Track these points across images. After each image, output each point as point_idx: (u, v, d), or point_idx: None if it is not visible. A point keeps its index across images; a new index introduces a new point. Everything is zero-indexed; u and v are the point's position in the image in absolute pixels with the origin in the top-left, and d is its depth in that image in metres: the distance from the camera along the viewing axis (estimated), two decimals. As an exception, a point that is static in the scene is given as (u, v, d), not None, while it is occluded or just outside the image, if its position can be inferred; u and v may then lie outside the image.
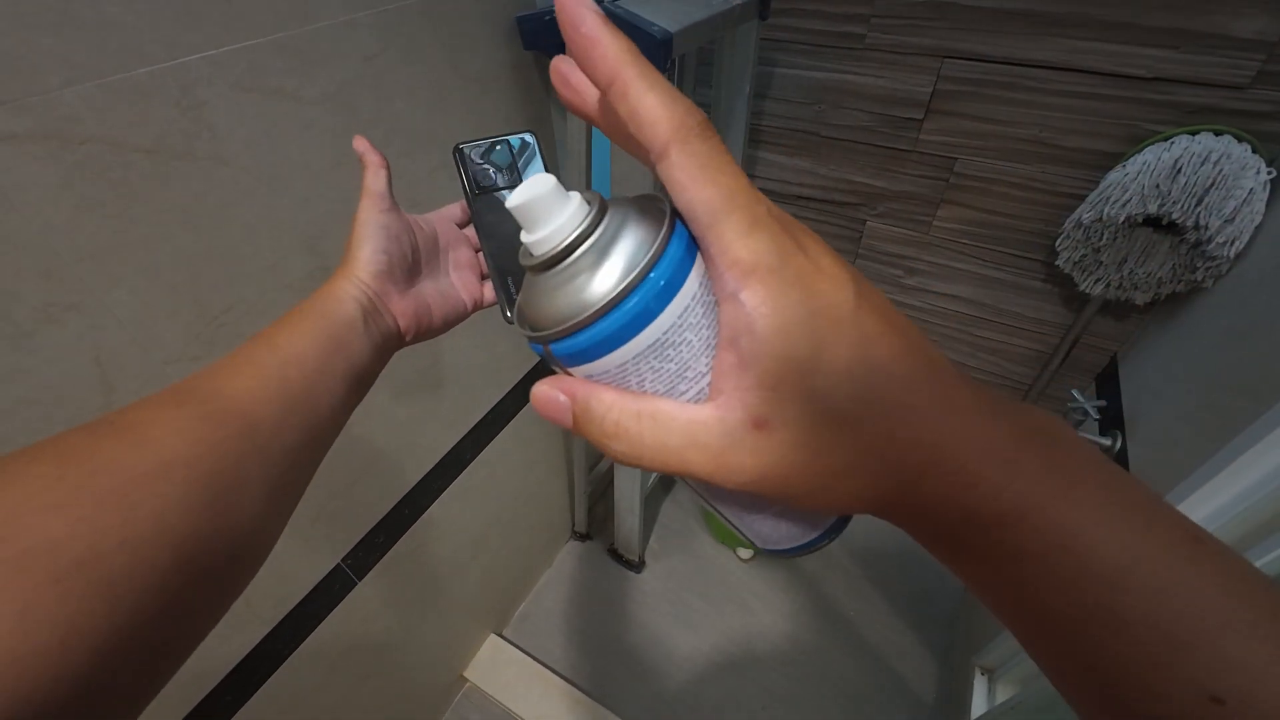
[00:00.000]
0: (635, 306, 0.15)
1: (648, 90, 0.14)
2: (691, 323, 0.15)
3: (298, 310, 0.30)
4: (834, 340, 0.14)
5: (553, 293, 0.16)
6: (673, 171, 0.14)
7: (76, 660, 0.16)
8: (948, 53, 0.84)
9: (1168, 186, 0.69)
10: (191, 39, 0.44)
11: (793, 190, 1.10)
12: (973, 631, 1.17)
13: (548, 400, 0.17)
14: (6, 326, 0.40)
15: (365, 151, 0.34)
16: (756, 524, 0.21)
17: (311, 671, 0.77)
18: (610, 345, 0.15)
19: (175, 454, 0.20)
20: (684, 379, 0.16)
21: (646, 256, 0.15)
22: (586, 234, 0.15)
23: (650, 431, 0.16)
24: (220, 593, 0.22)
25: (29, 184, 0.38)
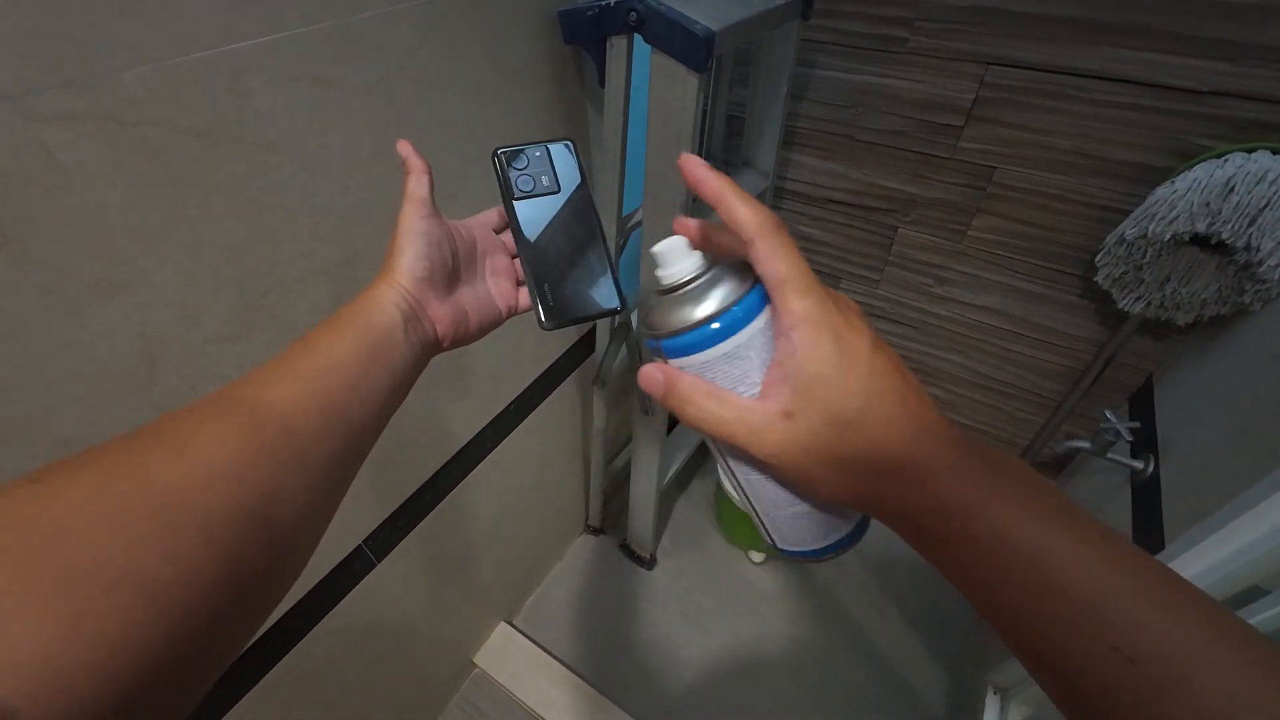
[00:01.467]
0: (721, 325, 0.23)
1: (740, 205, 0.22)
2: (755, 346, 0.23)
3: (338, 316, 0.30)
4: (851, 370, 0.21)
5: (671, 308, 0.24)
6: (756, 253, 0.22)
7: (123, 672, 0.16)
8: (992, 59, 0.82)
9: (1219, 205, 0.67)
10: (245, 26, 0.44)
11: (824, 194, 1.09)
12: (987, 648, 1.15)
13: (650, 376, 0.24)
14: (61, 301, 0.41)
15: (409, 156, 0.35)
16: (778, 519, 0.25)
17: (329, 649, 0.78)
18: (700, 347, 0.23)
19: (218, 465, 0.21)
20: (742, 382, 0.23)
21: (734, 297, 0.23)
22: (699, 276, 0.24)
23: (713, 406, 0.23)
24: (260, 602, 0.22)
25: (87, 163, 0.39)
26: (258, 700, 0.70)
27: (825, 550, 0.26)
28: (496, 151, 0.36)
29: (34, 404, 0.42)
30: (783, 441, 0.22)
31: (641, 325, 0.25)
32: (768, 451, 0.22)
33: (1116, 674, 0.17)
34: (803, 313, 0.21)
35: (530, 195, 0.36)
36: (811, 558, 0.26)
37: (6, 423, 0.41)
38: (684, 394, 0.23)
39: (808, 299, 0.21)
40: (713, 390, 0.23)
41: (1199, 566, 0.64)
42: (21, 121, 0.36)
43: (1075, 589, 0.18)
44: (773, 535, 0.27)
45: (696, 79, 0.63)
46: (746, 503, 0.27)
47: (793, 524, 0.25)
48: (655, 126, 0.70)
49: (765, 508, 0.26)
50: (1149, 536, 0.75)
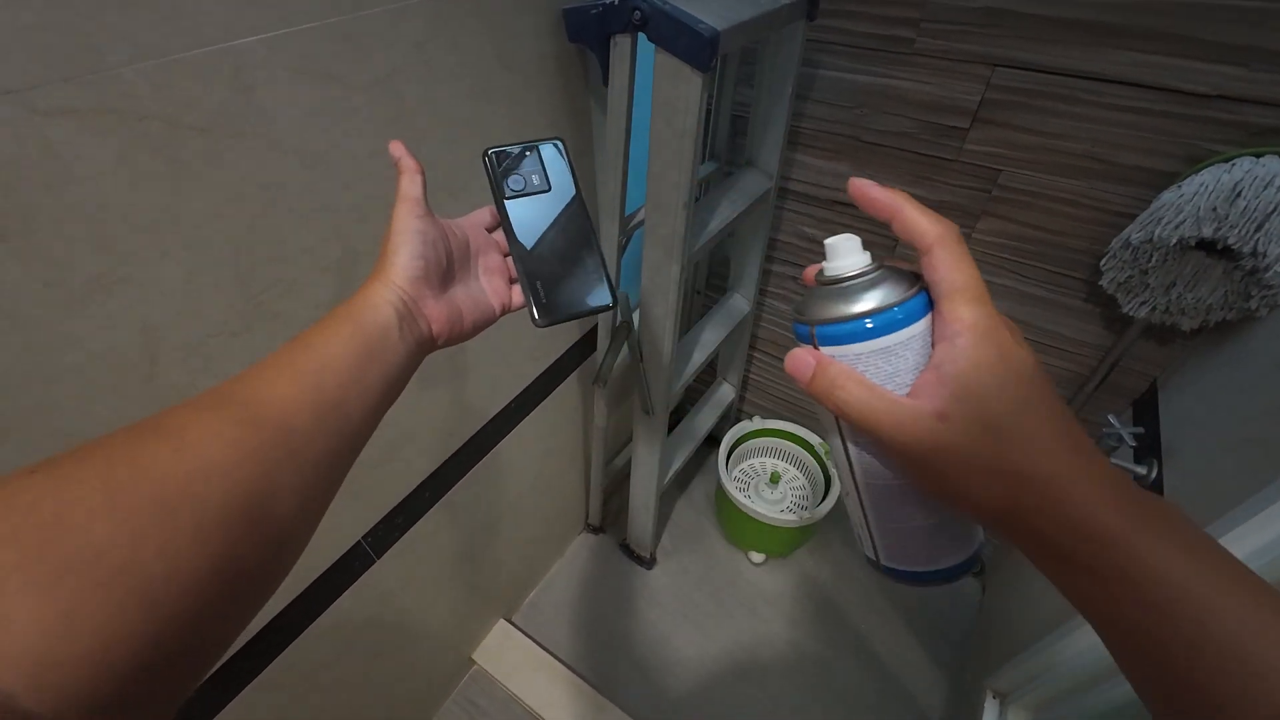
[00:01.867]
0: (883, 321, 0.23)
1: (919, 216, 0.23)
2: (912, 348, 0.23)
3: (334, 315, 0.30)
4: (1012, 383, 0.21)
5: (835, 299, 0.24)
6: (934, 259, 0.23)
7: (117, 664, 0.16)
8: (1000, 61, 0.81)
9: (1225, 210, 0.67)
10: (248, 21, 0.44)
11: (828, 194, 1.08)
12: (987, 653, 1.14)
13: (800, 359, 0.25)
14: (62, 294, 0.41)
15: (402, 156, 0.35)
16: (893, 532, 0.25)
17: (327, 645, 0.79)
18: (859, 338, 0.23)
19: (214, 461, 0.21)
20: (892, 380, 0.23)
21: (900, 297, 0.23)
22: (867, 273, 0.24)
23: (864, 394, 0.23)
24: (252, 597, 0.22)
25: (89, 158, 0.39)
26: (256, 695, 0.70)
27: (930, 575, 0.26)
28: (487, 151, 0.36)
29: (35, 397, 0.42)
30: (930, 440, 0.22)
31: (795, 312, 0.26)
32: (913, 450, 0.22)
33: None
34: (972, 320, 0.22)
35: (521, 194, 0.36)
36: (911, 580, 0.26)
37: (7, 415, 0.41)
38: (834, 377, 0.24)
39: (979, 308, 0.22)
40: (865, 380, 0.23)
41: (1201, 574, 0.64)
42: (24, 115, 0.36)
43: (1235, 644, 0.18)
44: (880, 549, 0.26)
45: (700, 79, 0.63)
46: (860, 511, 0.26)
47: (907, 539, 0.25)
48: (658, 126, 0.70)
49: (882, 517, 0.25)
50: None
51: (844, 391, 0.23)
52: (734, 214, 0.93)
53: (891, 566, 0.26)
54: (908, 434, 0.22)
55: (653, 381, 1.00)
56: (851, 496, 0.26)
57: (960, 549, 0.25)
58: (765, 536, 1.34)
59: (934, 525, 0.25)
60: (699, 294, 1.37)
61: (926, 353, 0.23)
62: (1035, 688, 0.91)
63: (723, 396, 1.45)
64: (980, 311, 0.22)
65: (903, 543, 0.25)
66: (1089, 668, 0.78)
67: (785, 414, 1.49)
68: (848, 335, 0.24)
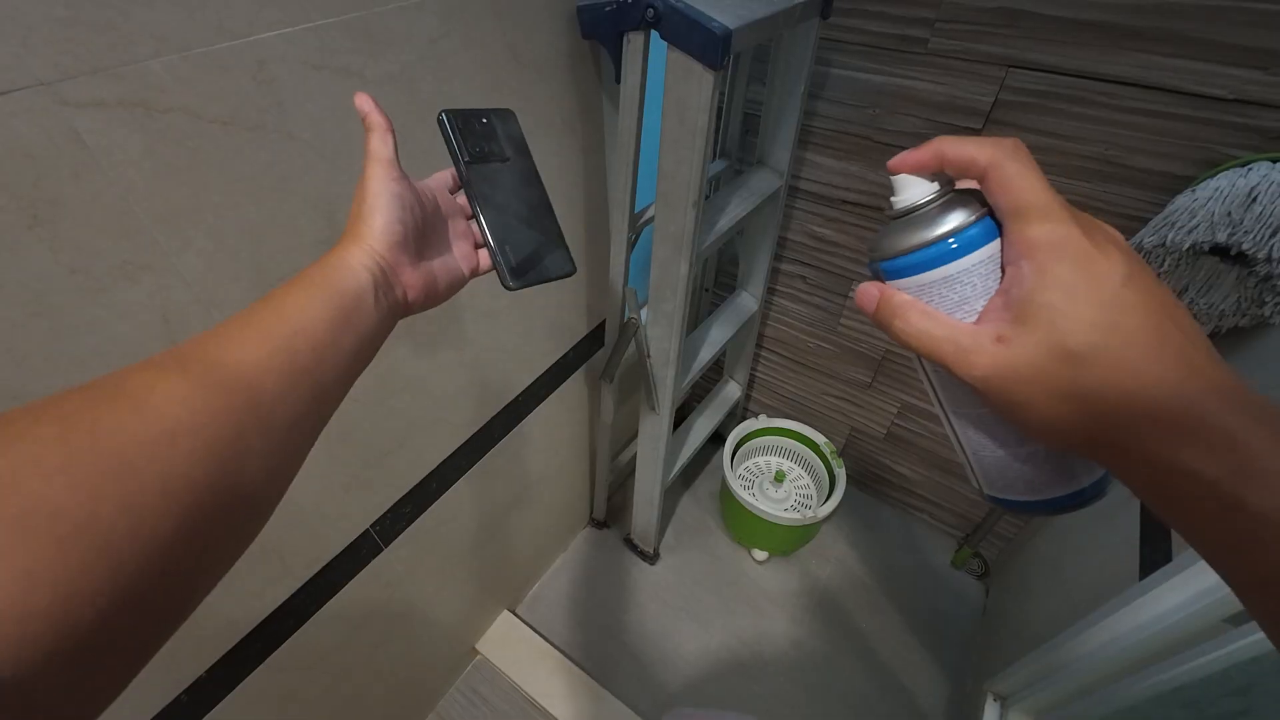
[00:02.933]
0: (942, 249, 0.23)
1: (963, 145, 0.22)
2: (978, 274, 0.23)
3: (307, 276, 0.28)
4: (1088, 300, 0.20)
5: (898, 232, 0.24)
6: (991, 183, 0.22)
7: (78, 621, 0.16)
8: (1014, 62, 0.81)
9: (1240, 215, 0.66)
10: (270, 15, 0.45)
11: (839, 194, 1.08)
12: (988, 656, 1.14)
13: (866, 291, 0.25)
14: (88, 281, 0.42)
15: (370, 112, 0.33)
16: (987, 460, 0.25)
17: (334, 631, 0.80)
18: (921, 268, 0.23)
19: (179, 423, 0.20)
20: (960, 309, 0.23)
21: (959, 224, 0.23)
22: (930, 203, 0.24)
23: (924, 322, 0.23)
24: (219, 559, 0.22)
25: (116, 149, 0.41)
26: (264, 678, 0.71)
27: (1039, 505, 0.24)
28: (443, 113, 0.35)
29: (59, 380, 0.43)
30: (992, 365, 0.21)
31: (868, 249, 0.26)
32: (975, 374, 0.21)
33: None
34: (1039, 239, 0.20)
35: (482, 160, 0.36)
36: (1022, 509, 0.25)
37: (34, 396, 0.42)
38: (895, 307, 0.24)
39: (1047, 225, 0.20)
40: (926, 309, 0.23)
41: (1207, 582, 0.64)
42: (54, 106, 0.37)
43: None
44: (980, 477, 0.26)
45: (712, 76, 0.63)
46: (954, 439, 0.26)
47: (1002, 467, 0.25)
48: (670, 123, 0.70)
49: (975, 446, 0.25)
50: (1157, 549, 0.75)
51: (903, 321, 0.23)
52: (743, 212, 0.93)
53: (995, 495, 0.26)
54: (970, 360, 0.21)
55: (659, 378, 1.00)
56: (947, 428, 0.26)
57: (1068, 479, 0.24)
58: (768, 534, 1.34)
59: (1033, 455, 0.24)
60: (707, 292, 1.37)
61: (995, 278, 0.22)
62: (1037, 691, 0.91)
63: (729, 394, 1.45)
64: (1048, 229, 0.20)
65: (1001, 471, 0.25)
66: (1092, 672, 0.78)
67: (791, 413, 1.50)
68: (911, 266, 0.23)
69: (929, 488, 1.42)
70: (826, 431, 1.42)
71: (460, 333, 0.79)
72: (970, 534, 1.37)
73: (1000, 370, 0.21)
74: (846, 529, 1.48)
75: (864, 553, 1.44)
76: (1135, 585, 0.73)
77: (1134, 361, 0.19)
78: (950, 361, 0.22)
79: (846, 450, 1.49)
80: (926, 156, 0.23)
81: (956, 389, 0.25)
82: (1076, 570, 0.97)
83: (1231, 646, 0.60)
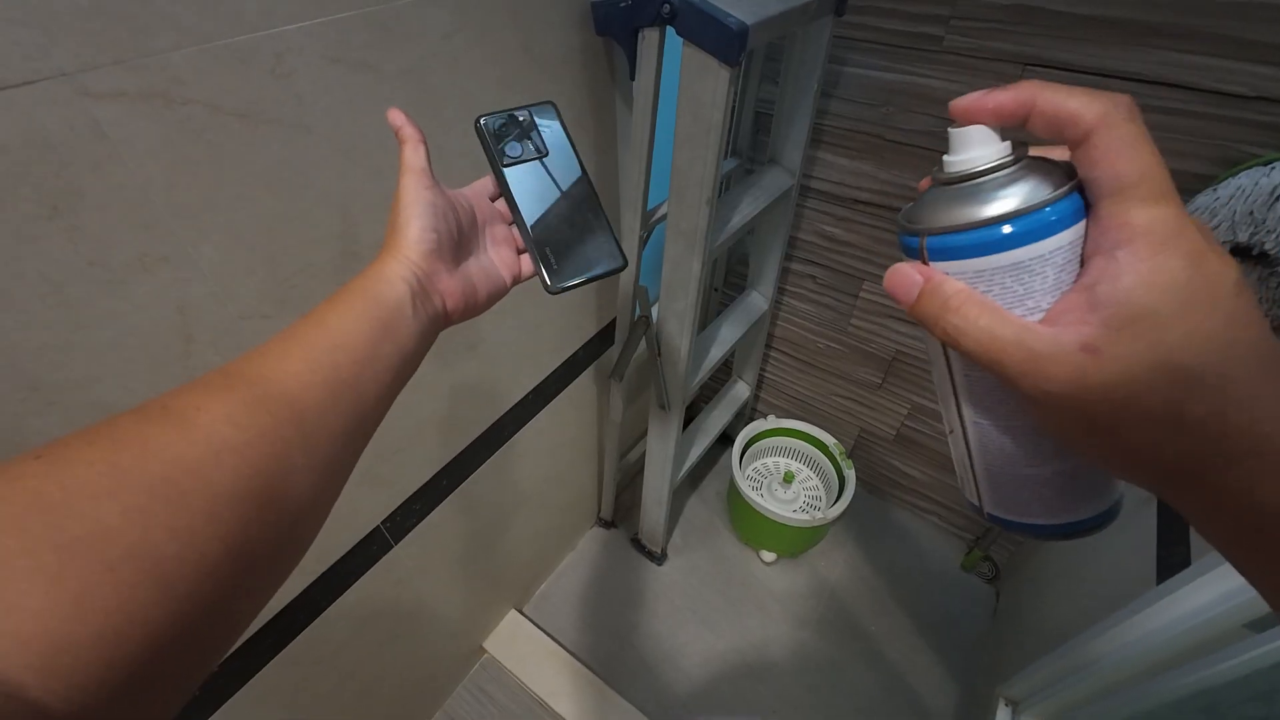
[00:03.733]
0: (1018, 228, 0.18)
1: (1068, 96, 0.18)
2: (1054, 262, 0.18)
3: (346, 290, 0.29)
4: (1205, 308, 0.16)
5: (954, 201, 0.19)
6: (1093, 149, 0.17)
7: (129, 647, 0.16)
8: (1030, 60, 0.80)
9: (1263, 214, 0.65)
10: (289, 8, 0.45)
11: (850, 193, 1.08)
12: (999, 660, 1.13)
13: (904, 275, 0.20)
14: (105, 273, 0.42)
15: (402, 125, 0.33)
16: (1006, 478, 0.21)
17: (344, 626, 0.80)
18: (984, 250, 0.19)
19: (225, 441, 0.20)
20: (1023, 304, 0.19)
21: (1043, 198, 0.18)
22: (1000, 168, 0.19)
23: (986, 319, 0.18)
24: (267, 579, 0.22)
25: (135, 140, 0.41)
26: (274, 675, 0.71)
27: (1050, 530, 0.21)
28: (479, 119, 0.35)
29: (77, 370, 0.43)
30: (1074, 380, 0.17)
31: (903, 221, 0.21)
32: (1048, 388, 0.17)
33: None
34: (1146, 226, 0.17)
35: (519, 161, 0.36)
36: (1026, 532, 0.22)
37: (52, 387, 0.42)
38: (947, 298, 0.19)
39: (1157, 209, 0.17)
40: (988, 302, 0.19)
41: (1224, 588, 0.63)
42: (76, 97, 0.37)
43: None
44: (985, 496, 0.22)
45: (728, 73, 0.63)
46: (964, 450, 0.22)
47: (1022, 488, 0.21)
48: (684, 120, 0.70)
49: (992, 460, 0.21)
50: (1174, 551, 0.74)
51: (959, 317, 0.19)
52: (755, 211, 0.93)
53: (999, 515, 0.22)
54: (1044, 371, 0.17)
55: (669, 377, 1.00)
56: (956, 434, 0.22)
57: (1093, 501, 0.20)
58: (777, 536, 1.34)
59: (1061, 474, 0.20)
60: (717, 291, 1.37)
61: (1073, 270, 0.18)
62: (1048, 696, 0.90)
63: (738, 394, 1.44)
64: (1158, 213, 0.17)
65: (1020, 492, 0.21)
66: (1107, 676, 0.77)
67: (800, 414, 1.49)
68: (972, 246, 0.19)
69: (939, 490, 1.40)
70: (836, 433, 1.41)
71: (471, 329, 0.79)
72: (980, 537, 1.36)
73: (1087, 386, 0.17)
74: (855, 531, 1.47)
75: (873, 555, 1.43)
76: (1152, 589, 0.72)
77: (1251, 387, 0.16)
78: (1016, 371, 0.18)
79: (856, 452, 1.48)
80: (1010, 102, 0.19)
81: (992, 395, 0.20)
82: (1090, 574, 0.96)
83: (1254, 652, 0.59)
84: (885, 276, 0.21)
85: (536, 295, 0.96)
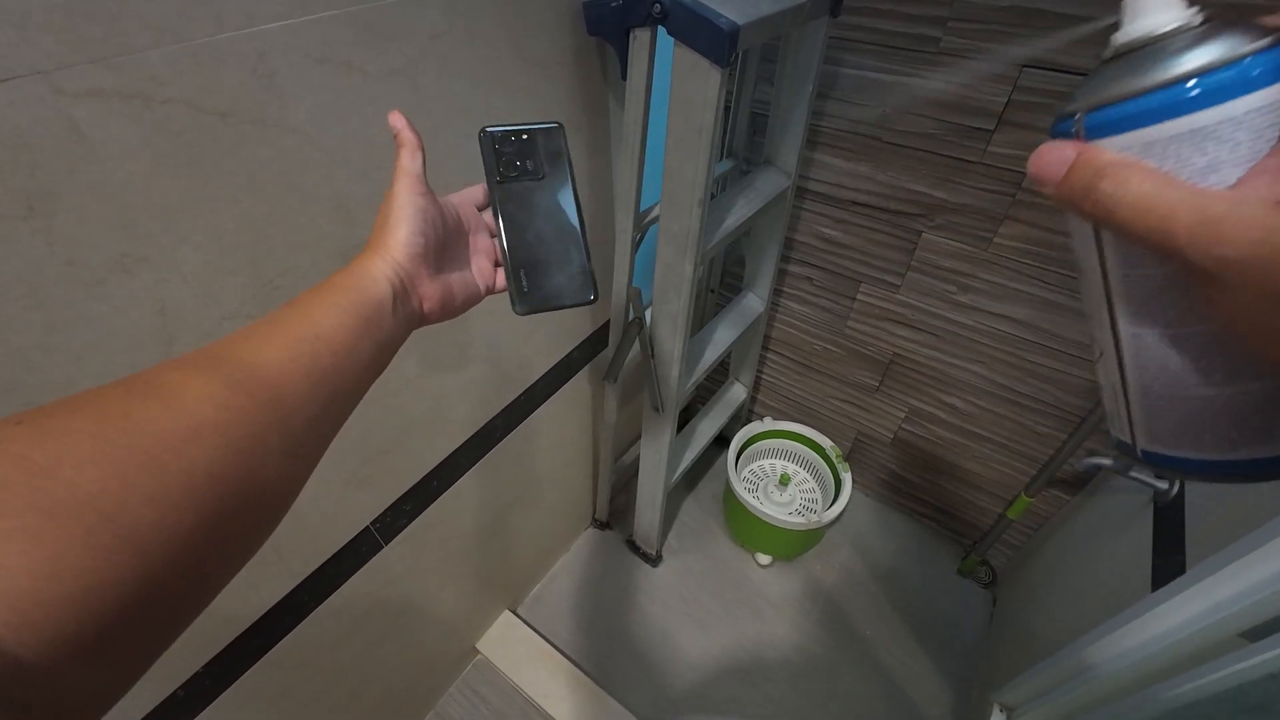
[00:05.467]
0: (1211, 84, 0.15)
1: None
2: (1248, 126, 0.15)
3: (330, 284, 0.30)
4: None
5: (1123, 72, 0.17)
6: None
7: (102, 608, 0.17)
8: (1028, 61, 0.79)
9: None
10: (271, 8, 0.45)
11: (847, 195, 1.07)
12: (995, 666, 1.13)
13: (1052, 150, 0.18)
14: (85, 274, 0.42)
15: (402, 129, 0.34)
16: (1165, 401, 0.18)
17: (332, 628, 0.80)
18: (1158, 116, 0.16)
19: (206, 420, 0.21)
20: (1205, 180, 0.16)
21: (1239, 50, 0.15)
22: (1182, 30, 0.17)
23: (1150, 183, 0.16)
24: (236, 553, 0.23)
25: (113, 139, 0.40)
26: (262, 674, 0.71)
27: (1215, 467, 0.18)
28: (484, 130, 0.36)
29: (55, 373, 0.43)
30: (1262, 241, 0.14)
31: (1057, 117, 0.19)
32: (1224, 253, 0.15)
33: None
34: None
35: (515, 179, 0.36)
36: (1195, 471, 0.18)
37: (31, 389, 0.42)
38: (1102, 166, 0.16)
39: None
40: (1153, 169, 0.16)
41: (1221, 594, 0.62)
42: (51, 96, 0.37)
43: None
44: (1140, 430, 0.19)
45: (719, 74, 0.63)
46: (1116, 375, 0.19)
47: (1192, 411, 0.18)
48: (676, 121, 0.69)
49: (1152, 382, 0.18)
50: (1170, 560, 0.73)
51: (1115, 183, 0.16)
52: (750, 212, 0.92)
53: (1159, 451, 0.19)
54: (1219, 232, 0.14)
55: (663, 379, 0.99)
56: (1107, 356, 0.19)
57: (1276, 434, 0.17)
58: (772, 538, 1.33)
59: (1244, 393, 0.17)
60: (713, 292, 1.36)
61: (1269, 140, 0.15)
62: (1045, 703, 0.89)
63: (734, 396, 1.44)
64: None
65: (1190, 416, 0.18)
66: (1101, 685, 0.76)
67: (797, 416, 1.48)
68: (1143, 114, 0.16)
69: (936, 494, 1.40)
70: (832, 435, 1.41)
71: (463, 330, 0.78)
72: (978, 542, 1.35)
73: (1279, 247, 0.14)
74: (851, 534, 1.47)
75: (869, 559, 1.43)
76: (1147, 597, 0.71)
77: None
78: (1185, 236, 0.15)
79: (852, 455, 1.47)
80: None
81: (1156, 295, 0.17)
82: (1086, 581, 0.95)
83: (1247, 662, 0.58)
84: (1030, 160, 0.18)
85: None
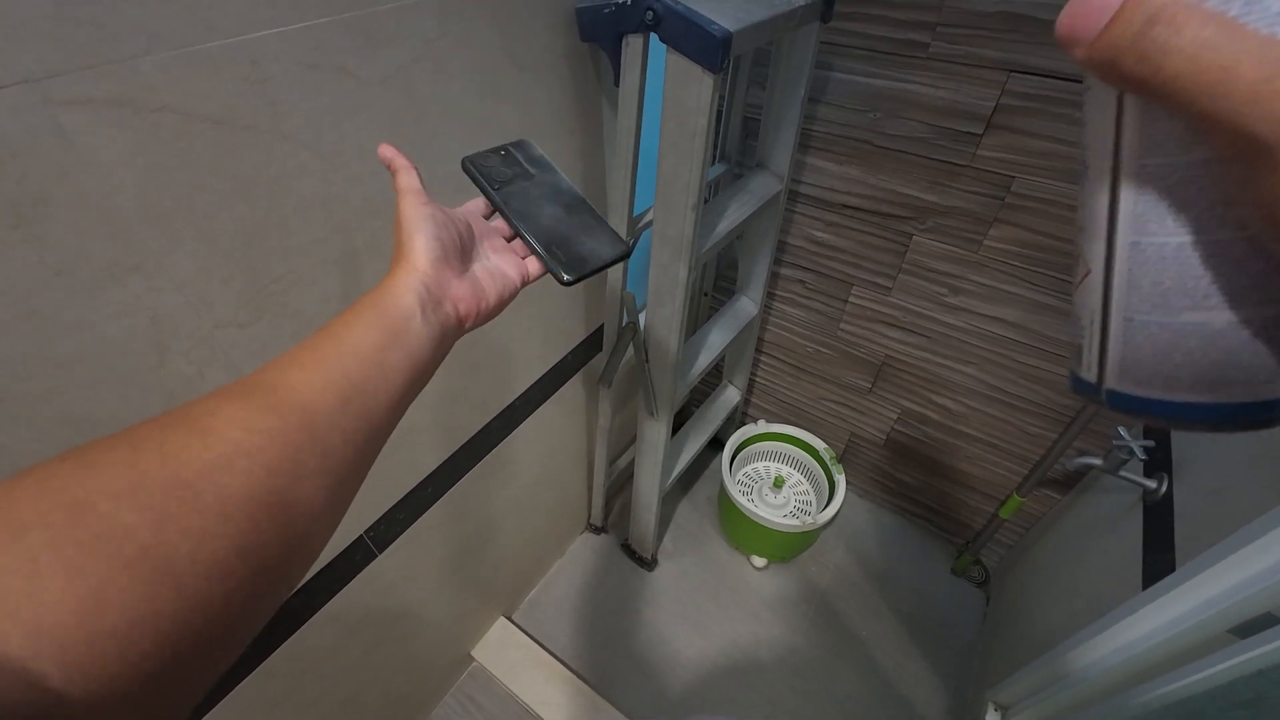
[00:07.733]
0: None
1: None
2: None
3: (358, 303, 0.30)
4: None
5: None
6: None
7: (143, 643, 0.16)
8: (1016, 67, 0.81)
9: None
10: (265, 14, 0.45)
11: (839, 199, 1.08)
12: (990, 665, 1.13)
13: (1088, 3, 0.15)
14: (74, 282, 0.41)
15: (393, 157, 0.36)
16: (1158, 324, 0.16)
17: (327, 637, 0.79)
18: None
19: (237, 445, 0.21)
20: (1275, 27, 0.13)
21: None
22: None
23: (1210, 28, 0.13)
24: (277, 582, 0.22)
25: (104, 147, 0.40)
26: (257, 684, 0.70)
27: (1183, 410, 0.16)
28: (465, 159, 0.39)
29: (45, 382, 0.42)
30: None
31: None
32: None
33: None
34: None
35: (509, 182, 0.39)
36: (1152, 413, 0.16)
37: (20, 399, 0.42)
38: (1156, 9, 0.14)
39: None
40: (1217, 15, 0.13)
41: (1210, 591, 0.63)
42: (41, 104, 0.36)
43: None
44: (1110, 360, 0.17)
45: (711, 80, 0.63)
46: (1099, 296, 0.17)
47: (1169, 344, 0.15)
48: (669, 127, 0.70)
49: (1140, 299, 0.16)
50: (1160, 558, 0.74)
51: (1170, 27, 0.14)
52: (743, 216, 0.93)
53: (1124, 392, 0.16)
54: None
55: (658, 383, 0.99)
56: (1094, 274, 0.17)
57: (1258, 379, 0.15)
58: (767, 541, 1.33)
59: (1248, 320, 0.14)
60: (706, 296, 1.37)
61: None
62: (1038, 701, 0.90)
63: (728, 399, 1.44)
64: None
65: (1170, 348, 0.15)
66: (1094, 683, 0.77)
67: (790, 418, 1.49)
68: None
69: (929, 494, 1.41)
70: (826, 437, 1.41)
71: (457, 336, 0.78)
72: (970, 541, 1.36)
73: None
74: (846, 536, 1.47)
75: (863, 559, 1.43)
76: (1138, 595, 0.72)
77: None
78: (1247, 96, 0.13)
79: (846, 456, 1.48)
80: None
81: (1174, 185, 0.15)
82: (1078, 579, 0.96)
83: (1238, 659, 0.59)
84: (1061, 16, 0.15)
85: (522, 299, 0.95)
